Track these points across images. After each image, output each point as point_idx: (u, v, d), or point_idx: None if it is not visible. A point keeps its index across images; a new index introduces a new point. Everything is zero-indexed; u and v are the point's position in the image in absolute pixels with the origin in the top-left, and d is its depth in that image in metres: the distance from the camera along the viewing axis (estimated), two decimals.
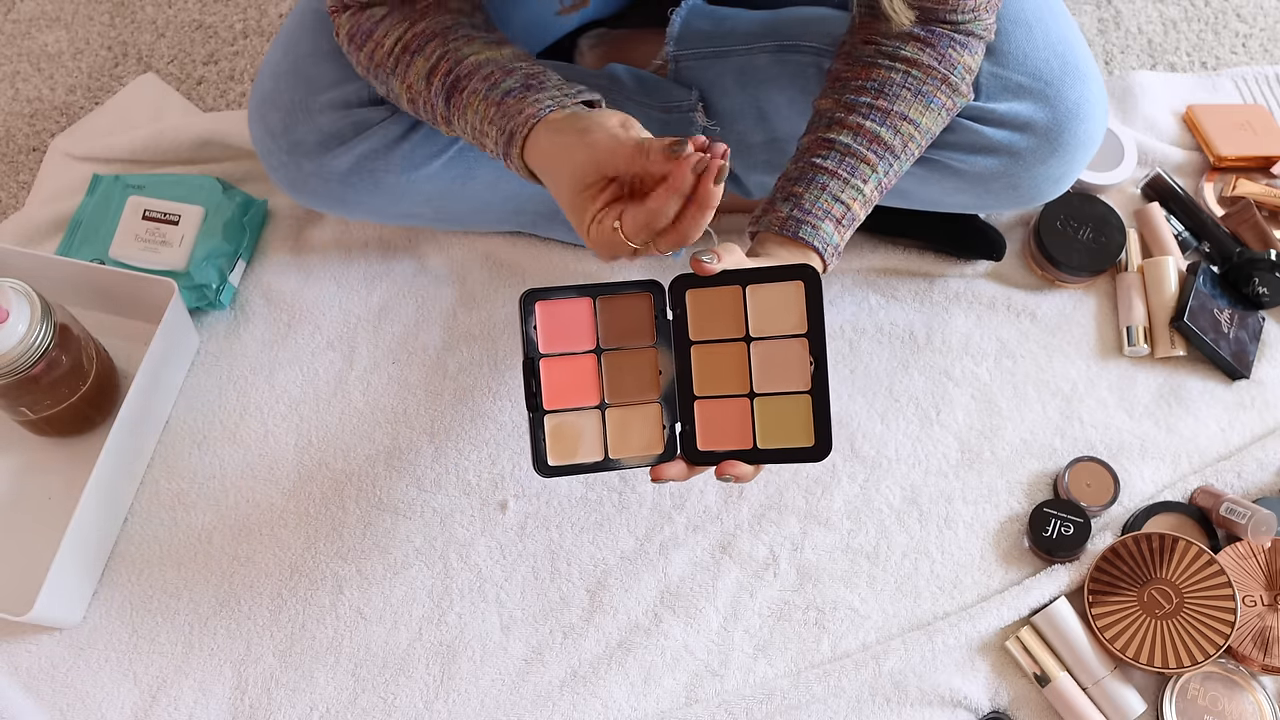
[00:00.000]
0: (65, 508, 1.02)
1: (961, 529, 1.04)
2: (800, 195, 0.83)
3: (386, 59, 0.86)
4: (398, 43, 0.85)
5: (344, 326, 1.13)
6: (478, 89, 0.82)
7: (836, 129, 0.85)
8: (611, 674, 0.99)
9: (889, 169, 0.85)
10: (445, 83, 0.83)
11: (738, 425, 0.80)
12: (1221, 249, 1.14)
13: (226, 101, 1.27)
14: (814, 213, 0.83)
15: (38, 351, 0.95)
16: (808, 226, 0.82)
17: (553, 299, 0.80)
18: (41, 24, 1.32)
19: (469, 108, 0.82)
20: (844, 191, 0.83)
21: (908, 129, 0.85)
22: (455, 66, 0.83)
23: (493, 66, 0.83)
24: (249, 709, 0.98)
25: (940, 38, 0.85)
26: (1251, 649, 0.96)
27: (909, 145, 0.86)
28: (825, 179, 0.83)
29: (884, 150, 0.84)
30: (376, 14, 0.87)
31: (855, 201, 0.84)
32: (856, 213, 0.85)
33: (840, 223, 0.83)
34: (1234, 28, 1.32)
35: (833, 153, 0.84)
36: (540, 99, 0.79)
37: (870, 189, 0.85)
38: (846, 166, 0.84)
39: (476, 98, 0.82)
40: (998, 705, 0.97)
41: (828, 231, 0.83)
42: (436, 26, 0.85)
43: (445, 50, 0.84)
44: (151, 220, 1.13)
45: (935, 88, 0.85)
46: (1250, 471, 1.05)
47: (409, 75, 0.85)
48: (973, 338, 1.12)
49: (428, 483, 1.06)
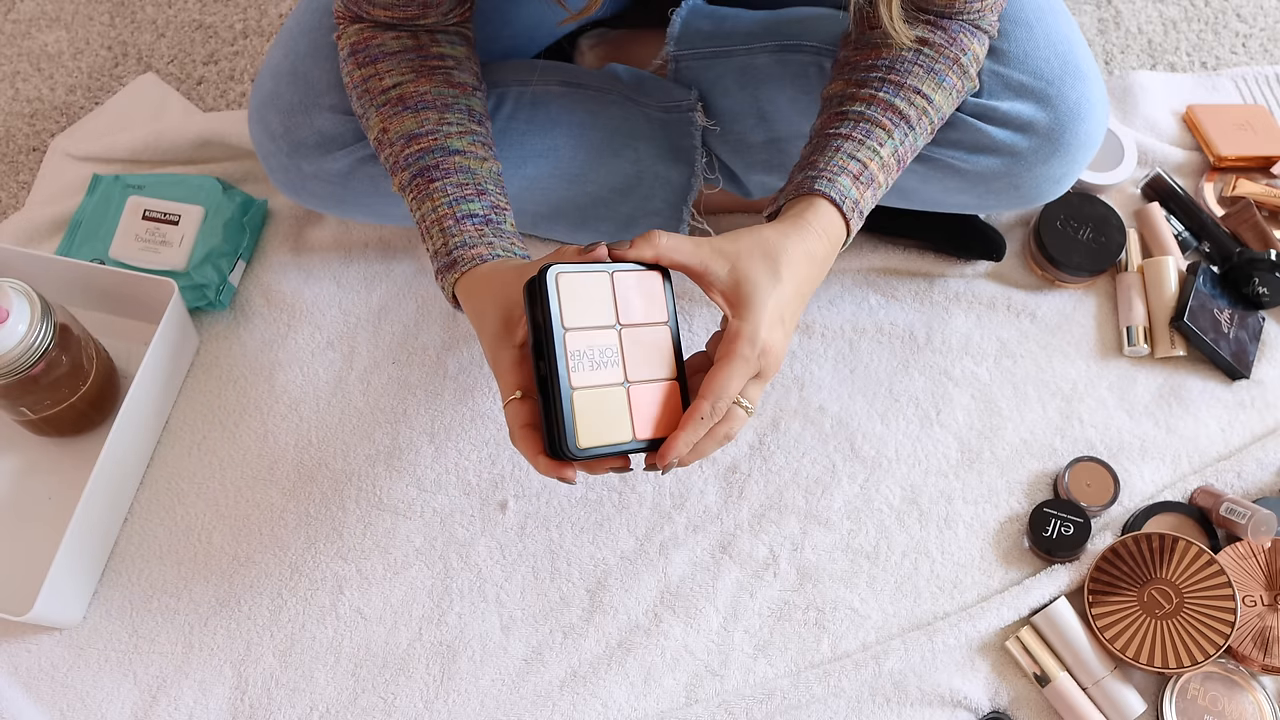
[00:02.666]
0: (65, 508, 1.02)
1: (961, 529, 1.04)
2: (815, 160, 0.82)
3: (378, 94, 0.87)
4: (395, 87, 0.87)
5: (344, 326, 1.13)
6: (448, 192, 0.84)
7: (850, 102, 0.83)
8: (611, 674, 0.99)
9: (905, 138, 0.83)
10: (422, 161, 0.85)
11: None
12: (1221, 249, 1.14)
13: (226, 101, 1.27)
14: (829, 169, 0.80)
15: (38, 351, 0.95)
16: (824, 180, 0.80)
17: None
18: (41, 24, 1.32)
19: (430, 200, 0.85)
20: (859, 151, 0.81)
21: (921, 102, 0.83)
22: (438, 154, 0.85)
23: (469, 178, 0.85)
24: (249, 709, 0.98)
25: (951, 22, 0.85)
26: (1251, 649, 0.96)
27: (923, 119, 0.84)
28: (840, 141, 0.82)
29: (899, 118, 0.83)
30: (388, 46, 0.88)
31: (873, 161, 0.81)
32: (875, 173, 0.82)
33: (859, 180, 0.81)
34: (1234, 28, 1.32)
35: (846, 120, 0.83)
36: (494, 244, 0.83)
37: (887, 153, 0.82)
38: (861, 130, 0.82)
39: (443, 198, 0.84)
40: (998, 705, 0.97)
41: (844, 184, 0.80)
42: (438, 97, 0.87)
43: (436, 130, 0.86)
44: (151, 220, 1.13)
45: (947, 66, 0.84)
46: (1250, 471, 1.05)
47: (392, 123, 0.86)
48: (973, 338, 1.12)
49: (428, 483, 1.06)
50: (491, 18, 0.98)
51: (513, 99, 1.00)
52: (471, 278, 0.82)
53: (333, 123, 0.96)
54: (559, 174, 1.02)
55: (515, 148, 1.00)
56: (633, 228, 1.05)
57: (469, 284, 0.82)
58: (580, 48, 1.12)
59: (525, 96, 1.00)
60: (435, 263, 0.85)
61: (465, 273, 0.82)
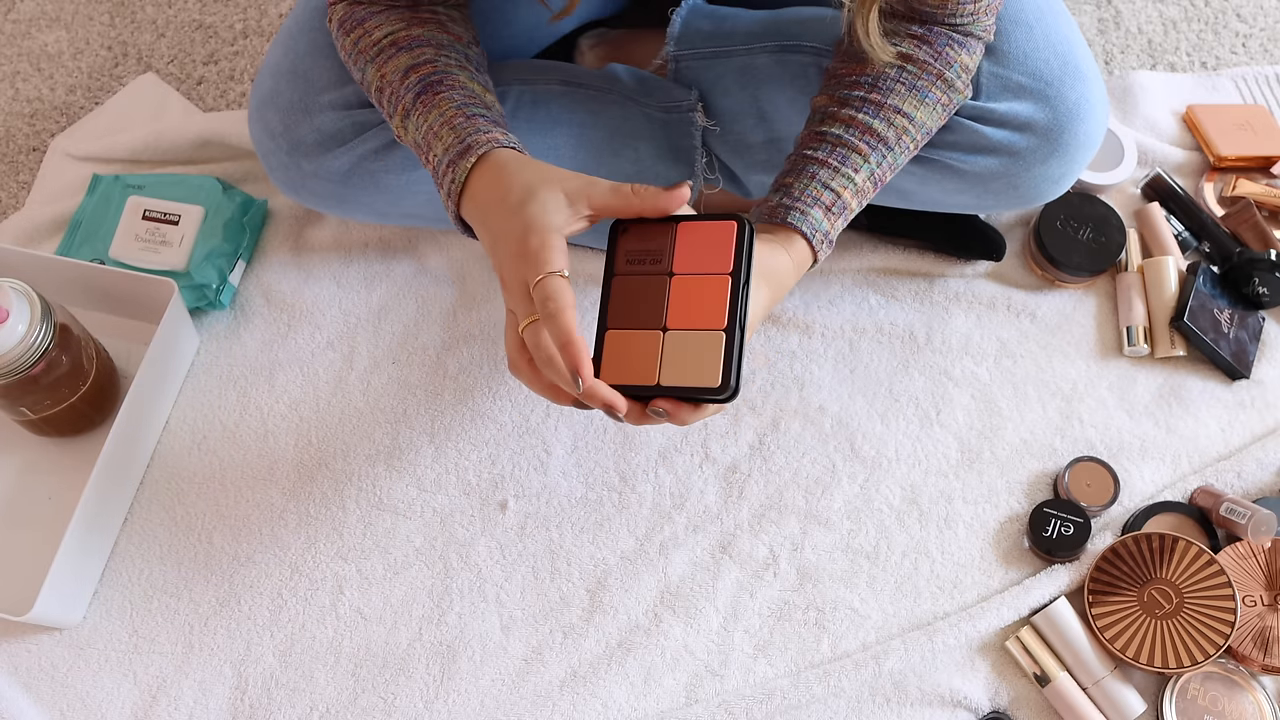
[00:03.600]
0: (65, 508, 1.02)
1: (961, 529, 1.04)
2: (790, 185, 0.84)
3: (370, 48, 0.86)
4: (387, 36, 0.86)
5: (344, 326, 1.13)
6: (453, 98, 0.82)
7: (829, 122, 0.85)
8: (611, 674, 0.99)
9: (882, 160, 0.85)
10: (423, 80, 0.83)
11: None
12: (1221, 249, 1.14)
13: (226, 101, 1.27)
14: (803, 200, 0.82)
15: (38, 351, 0.95)
16: (796, 212, 0.82)
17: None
18: (41, 24, 1.32)
19: (436, 108, 0.82)
20: (834, 180, 0.83)
21: (901, 122, 0.85)
22: (439, 73, 0.84)
23: (473, 93, 0.83)
24: (249, 709, 0.98)
25: (938, 36, 0.85)
26: (1251, 649, 0.96)
27: (903, 138, 0.85)
28: (815, 168, 0.83)
29: (876, 141, 0.84)
30: (375, 6, 0.87)
31: (846, 190, 0.83)
32: (848, 201, 0.84)
33: (830, 210, 0.83)
34: (1234, 28, 1.32)
35: (824, 144, 0.84)
36: (510, 136, 0.81)
37: (862, 179, 0.84)
38: (837, 156, 0.83)
39: (449, 103, 0.82)
40: (998, 705, 0.97)
41: (816, 218, 0.82)
42: (432, 38, 0.86)
43: (435, 59, 0.84)
44: (151, 220, 1.13)
45: (930, 83, 0.85)
46: (1250, 471, 1.05)
47: (387, 66, 0.85)
48: (973, 338, 1.12)
49: (428, 483, 1.06)
50: (491, 17, 0.98)
51: (513, 98, 1.00)
52: (491, 162, 0.78)
53: (333, 121, 0.96)
54: None
55: None
56: None
57: (487, 170, 0.77)
58: (580, 48, 1.12)
59: (526, 96, 1.00)
60: (444, 159, 0.80)
61: (484, 155, 0.78)
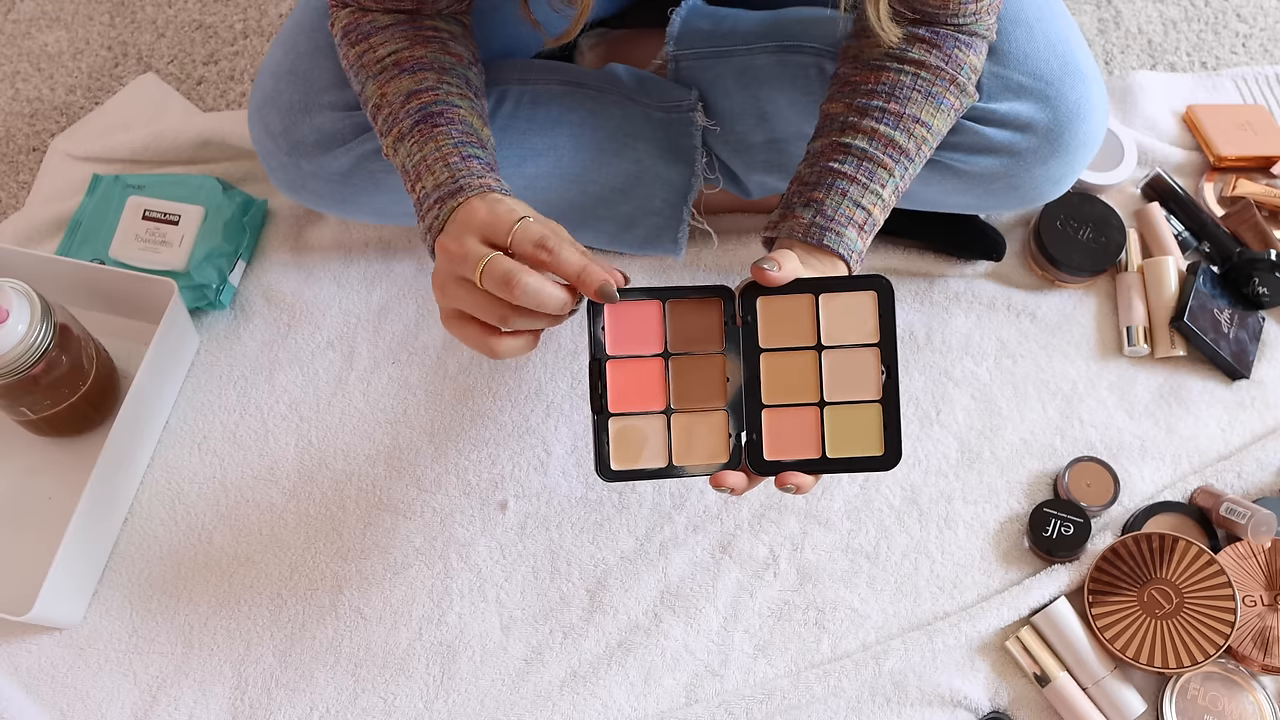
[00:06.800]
0: (65, 508, 1.02)
1: (961, 529, 1.04)
2: (821, 201, 0.83)
3: (374, 64, 0.86)
4: (391, 55, 0.86)
5: (344, 326, 1.13)
6: (453, 135, 0.82)
7: (851, 133, 0.84)
8: (611, 674, 0.99)
9: (904, 172, 0.85)
10: (424, 109, 0.83)
11: (805, 434, 0.80)
12: (1221, 249, 1.14)
13: (226, 101, 1.27)
14: (837, 219, 0.83)
15: (38, 351, 0.95)
16: (832, 234, 0.82)
17: (621, 300, 0.79)
18: (41, 24, 1.32)
19: (433, 140, 0.82)
20: (864, 197, 0.83)
21: (920, 131, 0.85)
22: (441, 105, 0.84)
23: (473, 132, 0.84)
24: (249, 709, 0.98)
25: (945, 38, 0.85)
26: (1251, 649, 0.96)
27: (921, 148, 0.86)
28: (845, 184, 0.83)
29: (899, 154, 0.84)
30: (379, 22, 0.87)
31: (875, 206, 0.84)
32: (877, 218, 0.85)
33: (862, 229, 0.84)
34: (1234, 28, 1.32)
35: (849, 158, 0.84)
36: (502, 182, 0.81)
37: (888, 193, 0.85)
38: (865, 171, 0.83)
39: (448, 140, 0.82)
40: (998, 705, 0.97)
41: (851, 238, 0.83)
42: (435, 61, 0.86)
43: (437, 85, 0.85)
44: (151, 220, 1.13)
45: (944, 89, 0.85)
46: (1250, 471, 1.05)
47: (389, 86, 0.85)
48: (973, 338, 1.12)
49: (428, 483, 1.06)
50: (492, 17, 0.98)
51: (513, 98, 1.00)
52: (477, 198, 0.79)
53: (333, 121, 0.96)
54: (559, 173, 1.02)
55: (516, 146, 1.00)
56: (633, 227, 1.05)
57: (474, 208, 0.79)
58: (580, 48, 1.12)
59: (526, 95, 1.00)
60: (434, 195, 0.81)
61: (472, 197, 0.79)
